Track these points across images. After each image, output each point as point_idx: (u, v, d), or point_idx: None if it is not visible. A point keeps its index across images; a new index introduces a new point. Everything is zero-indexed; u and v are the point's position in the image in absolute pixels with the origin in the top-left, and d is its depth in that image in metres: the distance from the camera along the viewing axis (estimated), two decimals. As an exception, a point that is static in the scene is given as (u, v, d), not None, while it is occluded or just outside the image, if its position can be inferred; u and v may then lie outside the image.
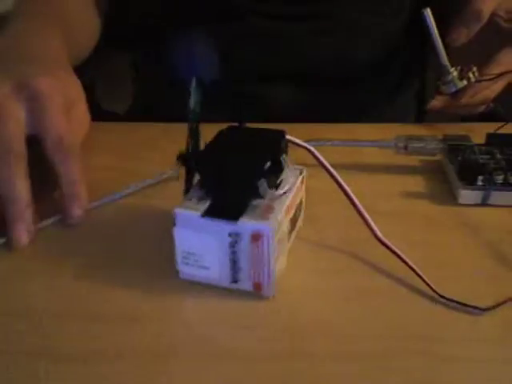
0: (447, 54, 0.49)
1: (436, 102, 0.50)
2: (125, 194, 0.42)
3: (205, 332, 0.31)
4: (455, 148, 0.45)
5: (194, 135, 0.33)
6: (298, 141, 0.35)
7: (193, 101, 0.32)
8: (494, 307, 0.32)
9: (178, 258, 0.33)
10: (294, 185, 0.35)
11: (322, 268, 0.36)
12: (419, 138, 0.46)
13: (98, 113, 0.49)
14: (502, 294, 0.33)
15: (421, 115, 0.71)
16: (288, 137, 0.35)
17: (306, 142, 0.44)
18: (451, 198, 0.42)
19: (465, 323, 0.31)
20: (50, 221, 0.39)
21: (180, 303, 0.33)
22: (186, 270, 0.33)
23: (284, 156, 0.35)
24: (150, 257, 0.36)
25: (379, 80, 0.61)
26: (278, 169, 0.34)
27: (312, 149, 0.35)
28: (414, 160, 0.47)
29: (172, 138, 0.35)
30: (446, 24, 0.49)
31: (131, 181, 0.43)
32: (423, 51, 0.66)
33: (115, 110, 0.71)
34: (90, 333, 0.31)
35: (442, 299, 0.32)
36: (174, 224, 0.32)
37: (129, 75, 0.73)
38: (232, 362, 0.29)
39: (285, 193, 0.33)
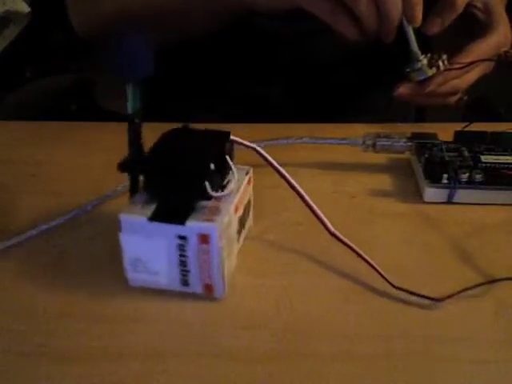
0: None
1: (403, 90, 0.49)
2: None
3: (205, 332, 0.31)
4: (423, 146, 0.45)
5: (134, 138, 0.32)
6: (243, 141, 0.35)
7: (131, 102, 0.31)
8: (448, 297, 0.32)
9: (127, 264, 0.32)
10: (240, 185, 0.34)
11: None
12: (387, 136, 0.46)
13: (98, 113, 0.50)
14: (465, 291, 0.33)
15: (421, 115, 0.70)
16: (233, 137, 0.35)
17: (276, 140, 0.46)
18: (418, 196, 0.42)
19: (464, 323, 0.32)
20: (52, 223, 0.39)
21: (180, 303, 0.33)
22: (135, 277, 0.33)
23: (229, 156, 0.34)
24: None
25: (379, 79, 0.61)
26: (223, 169, 0.34)
27: (259, 149, 0.34)
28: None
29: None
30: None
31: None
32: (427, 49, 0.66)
33: (115, 109, 0.71)
34: (90, 333, 0.31)
35: (395, 290, 0.33)
36: (120, 230, 0.32)
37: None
38: (232, 362, 0.29)
39: (230, 193, 0.33)
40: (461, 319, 0.32)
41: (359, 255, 0.34)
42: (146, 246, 0.32)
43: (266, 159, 0.34)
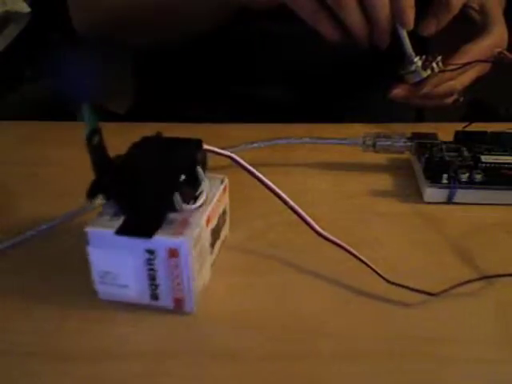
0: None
1: (398, 91, 0.49)
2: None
3: (204, 333, 0.31)
4: (423, 146, 0.45)
5: (97, 158, 0.31)
6: (216, 149, 0.34)
7: (87, 120, 0.30)
8: (443, 291, 0.32)
9: (95, 277, 0.32)
10: (213, 195, 0.33)
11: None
12: (387, 136, 0.46)
13: (98, 113, 0.50)
14: (463, 291, 0.33)
15: (421, 115, 0.70)
16: (206, 146, 0.34)
17: (273, 140, 0.46)
18: (418, 196, 0.42)
19: (464, 323, 0.32)
20: (52, 223, 0.39)
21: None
22: (104, 290, 0.32)
23: (201, 165, 0.33)
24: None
25: (379, 79, 0.59)
26: (194, 180, 0.33)
27: (233, 155, 0.33)
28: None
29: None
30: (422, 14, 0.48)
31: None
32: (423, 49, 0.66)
33: (115, 109, 0.71)
34: (90, 333, 0.31)
35: (394, 289, 0.33)
36: (88, 243, 0.31)
37: (129, 75, 0.73)
38: (232, 362, 0.29)
39: (201, 205, 0.32)
40: (461, 319, 0.32)
41: (349, 252, 0.34)
42: (115, 260, 0.31)
43: (242, 166, 0.33)
